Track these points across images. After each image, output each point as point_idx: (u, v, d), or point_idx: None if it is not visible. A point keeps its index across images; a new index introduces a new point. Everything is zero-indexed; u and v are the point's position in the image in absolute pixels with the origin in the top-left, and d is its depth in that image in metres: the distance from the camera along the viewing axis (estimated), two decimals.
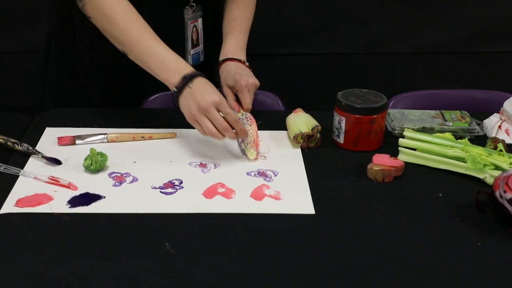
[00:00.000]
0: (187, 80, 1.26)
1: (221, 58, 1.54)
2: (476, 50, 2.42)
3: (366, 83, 2.49)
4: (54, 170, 1.24)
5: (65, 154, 1.31)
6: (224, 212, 1.13)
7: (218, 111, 1.24)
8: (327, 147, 1.38)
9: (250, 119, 1.38)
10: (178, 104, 1.28)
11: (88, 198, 1.15)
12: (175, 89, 1.26)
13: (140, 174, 1.24)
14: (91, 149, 1.24)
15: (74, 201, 1.14)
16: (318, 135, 1.37)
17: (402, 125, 1.42)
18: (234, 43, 1.55)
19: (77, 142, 1.35)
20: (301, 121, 1.39)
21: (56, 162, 1.27)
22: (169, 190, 1.19)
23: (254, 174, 1.26)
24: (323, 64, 2.42)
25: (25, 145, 1.29)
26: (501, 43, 2.42)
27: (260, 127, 1.44)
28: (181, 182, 1.22)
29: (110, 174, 1.24)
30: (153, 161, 1.29)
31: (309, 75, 2.43)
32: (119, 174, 1.24)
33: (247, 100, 1.44)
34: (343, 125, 1.35)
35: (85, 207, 1.13)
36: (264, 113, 1.54)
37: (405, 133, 1.35)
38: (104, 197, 1.16)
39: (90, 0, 1.33)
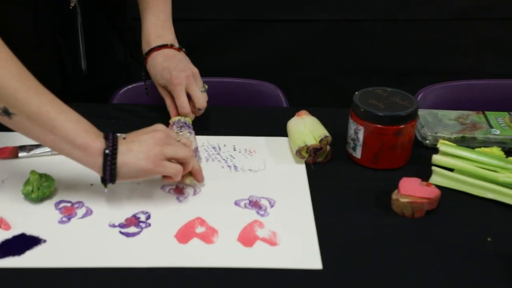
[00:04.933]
0: (112, 135, 0.91)
1: (144, 50, 1.19)
2: None
3: (383, 57, 2.19)
4: None
5: (3, 172, 1.02)
6: (201, 267, 0.85)
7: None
8: (339, 162, 1.08)
9: (186, 126, 1.09)
10: (116, 176, 0.90)
11: (22, 243, 0.87)
12: (107, 152, 0.88)
13: (96, 204, 0.96)
14: (32, 171, 0.95)
15: (4, 248, 0.86)
16: (328, 147, 1.07)
17: (436, 133, 1.12)
18: (154, 23, 1.19)
19: (20, 155, 1.06)
20: (306, 128, 1.08)
21: None
22: (132, 229, 0.91)
23: (245, 204, 0.97)
24: (332, 33, 2.07)
25: None
26: None
27: (254, 131, 1.14)
28: (149, 217, 0.94)
29: (57, 204, 0.95)
30: (117, 183, 0.99)
31: (315, 47, 2.08)
32: (69, 205, 0.95)
33: (181, 101, 1.11)
34: (360, 136, 1.05)
35: (16, 257, 0.85)
36: (259, 111, 1.24)
37: (440, 146, 1.05)
38: (45, 240, 0.88)
39: None
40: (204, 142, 1.13)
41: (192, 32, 1.87)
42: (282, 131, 1.14)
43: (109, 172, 0.89)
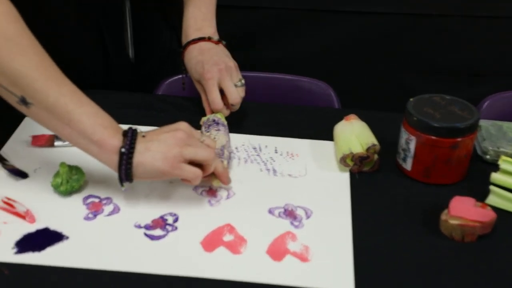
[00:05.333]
0: (132, 132, 0.86)
1: (182, 43, 1.14)
2: None
3: (455, 56, 2.04)
4: (14, 187, 0.94)
5: (37, 160, 1.00)
6: (224, 279, 0.79)
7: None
8: (388, 173, 1.00)
9: (214, 124, 1.03)
10: (132, 175, 0.85)
11: (45, 237, 0.84)
12: (123, 150, 0.84)
13: (124, 202, 0.92)
14: (61, 163, 0.92)
15: (24, 243, 0.83)
16: (376, 156, 0.99)
17: (498, 148, 1.02)
18: (194, 15, 1.13)
19: (56, 143, 1.03)
20: (353, 134, 1.01)
21: (20, 174, 0.96)
22: (158, 232, 0.87)
23: (279, 213, 0.91)
24: (399, 27, 1.94)
25: None
26: None
27: (300, 133, 1.08)
28: (176, 219, 0.89)
29: (85, 199, 0.92)
30: (143, 182, 0.94)
31: (379, 42, 1.95)
32: (97, 200, 0.92)
33: (213, 96, 1.05)
34: (412, 147, 0.96)
35: (36, 253, 0.82)
36: (307, 111, 1.17)
37: (501, 164, 0.95)
38: (67, 237, 0.85)
39: None
40: (245, 141, 1.07)
41: (248, 20, 1.80)
42: (329, 135, 1.07)
43: (125, 171, 0.84)
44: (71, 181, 0.92)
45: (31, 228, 0.86)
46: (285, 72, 1.35)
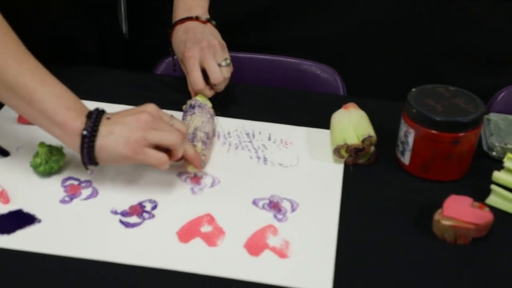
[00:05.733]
0: (97, 114, 0.82)
1: (172, 23, 1.07)
2: None
3: (482, 40, 1.93)
4: None
5: (21, 138, 0.97)
6: (195, 272, 0.76)
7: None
8: (384, 167, 0.95)
9: (194, 108, 0.98)
10: (95, 159, 0.82)
11: (16, 220, 0.82)
12: (85, 133, 0.80)
13: (104, 185, 0.88)
14: (40, 143, 0.89)
15: None
16: (372, 148, 0.94)
17: (506, 145, 0.95)
18: None
19: None
20: (350, 124, 0.95)
21: (1, 153, 0.93)
22: (133, 219, 0.83)
23: (263, 205, 0.86)
24: (423, 9, 1.84)
25: None
26: None
27: (298, 119, 1.03)
28: (155, 207, 0.85)
29: (64, 181, 0.89)
30: (132, 164, 0.91)
31: (400, 25, 1.86)
32: (76, 183, 0.89)
33: (193, 76, 0.99)
34: (410, 140, 0.90)
35: (5, 236, 0.79)
36: (309, 97, 1.11)
37: (506, 162, 0.89)
38: (40, 220, 0.82)
39: None
40: (239, 126, 1.03)
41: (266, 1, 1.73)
42: (328, 123, 1.01)
43: (87, 155, 0.81)
44: (50, 161, 0.88)
45: (4, 209, 0.83)
46: (300, 55, 1.29)
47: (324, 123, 1.02)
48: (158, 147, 0.82)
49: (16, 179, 0.88)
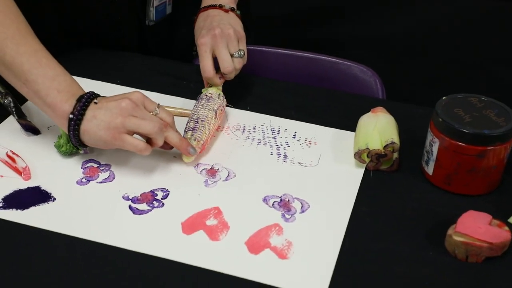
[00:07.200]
0: (87, 98, 0.85)
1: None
2: None
3: None
4: (24, 142, 0.95)
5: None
6: (194, 265, 0.76)
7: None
8: (407, 175, 0.91)
9: (210, 98, 0.98)
10: (82, 141, 0.86)
11: (32, 196, 0.85)
12: (71, 116, 0.83)
13: (121, 170, 0.90)
14: None
15: (12, 199, 0.84)
16: (395, 155, 0.90)
17: None
18: None
19: None
20: (375, 129, 0.92)
21: (33, 131, 0.97)
22: (143, 206, 0.84)
23: (273, 203, 0.85)
24: (485, 13, 1.77)
25: (9, 98, 1.01)
26: None
27: (327, 120, 1.01)
28: (166, 196, 0.86)
29: (84, 163, 0.91)
30: (152, 152, 0.92)
31: (462, 28, 1.79)
32: (96, 165, 0.91)
33: (203, 63, 0.99)
34: (435, 150, 0.87)
35: (19, 211, 0.82)
36: (343, 97, 1.09)
37: None
38: (54, 199, 0.85)
39: None
40: (266, 122, 1.02)
41: None
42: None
43: (73, 137, 0.84)
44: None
45: (24, 185, 0.87)
46: (356, 54, 1.26)
47: (353, 125, 0.99)
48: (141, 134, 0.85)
49: (40, 157, 0.92)
